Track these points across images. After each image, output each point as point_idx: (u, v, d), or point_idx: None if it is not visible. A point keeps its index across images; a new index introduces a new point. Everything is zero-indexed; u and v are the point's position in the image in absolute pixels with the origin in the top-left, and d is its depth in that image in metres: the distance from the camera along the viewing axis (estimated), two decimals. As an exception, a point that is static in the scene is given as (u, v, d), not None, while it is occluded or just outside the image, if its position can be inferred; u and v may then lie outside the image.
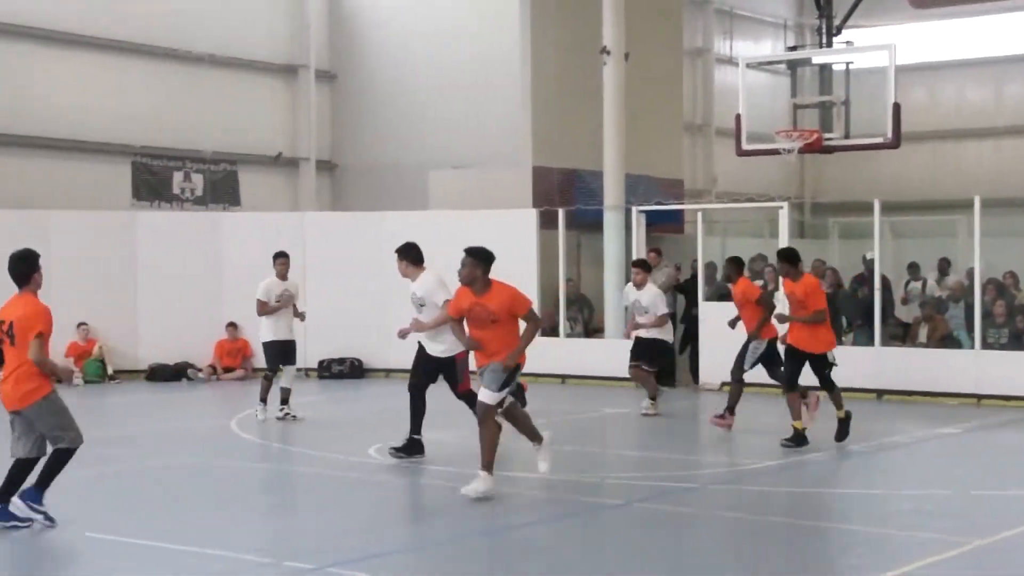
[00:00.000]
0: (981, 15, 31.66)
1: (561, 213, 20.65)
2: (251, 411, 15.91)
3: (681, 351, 20.44)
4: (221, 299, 21.33)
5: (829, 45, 25.14)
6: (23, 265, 9.56)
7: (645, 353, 16.11)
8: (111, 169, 24.03)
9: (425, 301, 12.24)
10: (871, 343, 18.43)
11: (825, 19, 25.65)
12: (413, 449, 12.48)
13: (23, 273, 9.56)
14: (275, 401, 15.73)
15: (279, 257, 15.85)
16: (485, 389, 10.51)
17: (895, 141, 18.39)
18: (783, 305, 14.48)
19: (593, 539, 9.40)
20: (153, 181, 24.58)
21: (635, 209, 20.18)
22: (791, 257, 13.56)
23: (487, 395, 10.51)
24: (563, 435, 14.81)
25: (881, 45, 19.94)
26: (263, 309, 15.67)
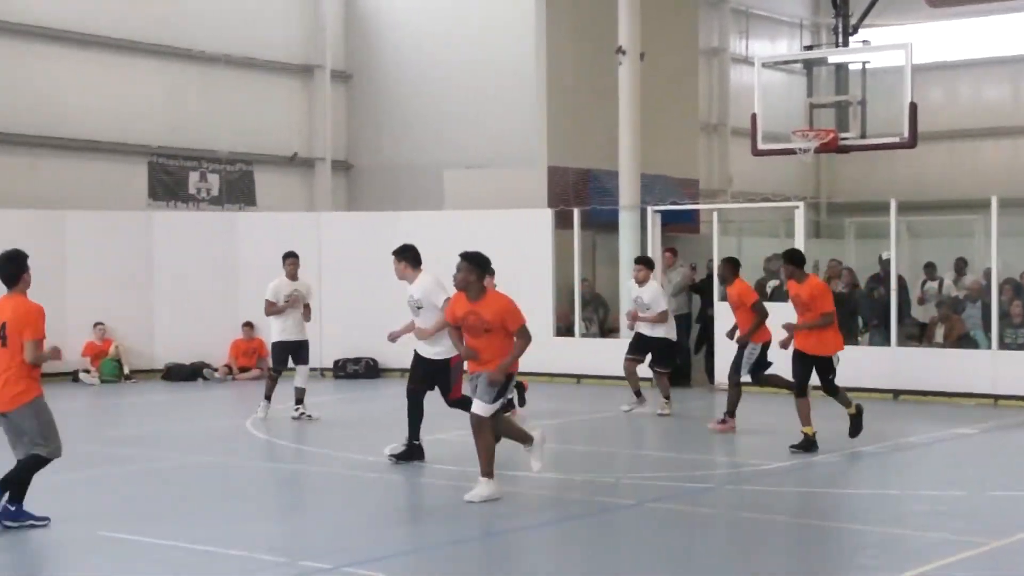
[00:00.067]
0: (998, 14, 31.54)
1: (576, 213, 20.64)
2: (268, 411, 15.94)
3: (696, 351, 20.43)
4: (237, 299, 21.36)
5: (845, 44, 25.07)
6: (12, 266, 9.55)
7: (653, 354, 16.03)
8: (127, 169, 24.10)
9: (423, 303, 12.14)
10: (887, 343, 18.37)
11: (841, 18, 25.57)
12: (413, 454, 12.37)
13: (12, 274, 9.54)
14: (289, 401, 15.77)
15: (288, 257, 15.89)
16: (479, 401, 10.39)
17: (912, 141, 18.31)
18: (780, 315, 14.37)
19: (606, 539, 9.39)
20: (169, 181, 24.64)
21: (650, 209, 20.16)
22: (796, 259, 13.38)
23: (481, 407, 10.39)
24: (577, 435, 14.83)
25: (898, 44, 19.84)
26: (270, 309, 15.73)
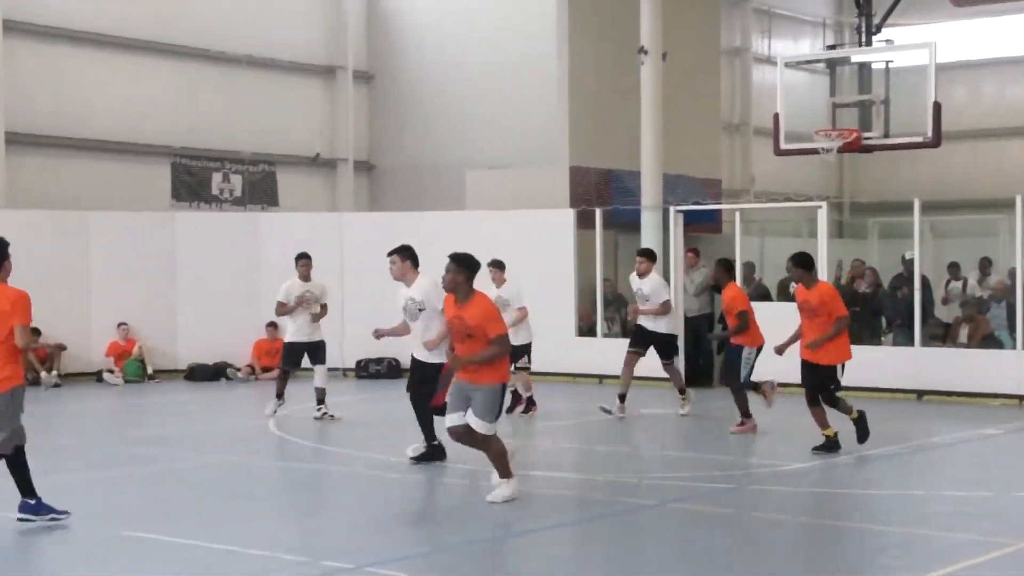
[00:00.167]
0: (1022, 13, 31.37)
1: (598, 213, 20.62)
2: (291, 411, 16.02)
3: (719, 351, 20.35)
4: (259, 299, 21.35)
5: (868, 44, 25.03)
6: None
7: (656, 348, 15.98)
8: (150, 170, 24.20)
9: (424, 305, 12.08)
10: (911, 343, 18.29)
11: (864, 18, 25.54)
12: (434, 455, 12.35)
13: None
14: (310, 401, 15.81)
15: (301, 259, 15.96)
16: (480, 420, 10.21)
17: (935, 140, 18.23)
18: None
19: (628, 539, 9.37)
20: (192, 182, 24.73)
21: (673, 209, 20.11)
22: (805, 262, 12.97)
23: (483, 426, 10.23)
24: (599, 435, 14.80)
25: (921, 43, 19.79)
26: (281, 310, 15.86)
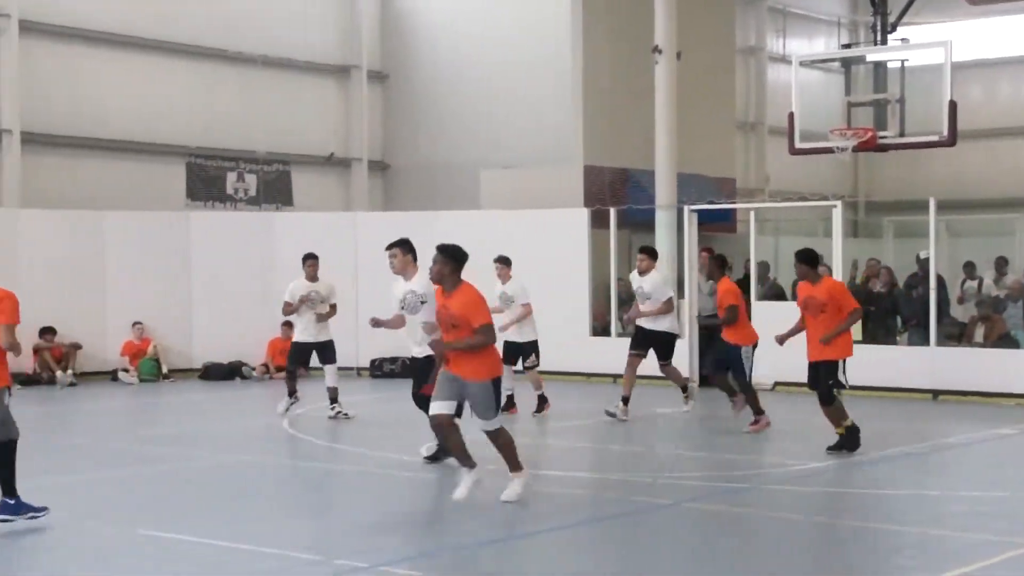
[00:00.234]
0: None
1: (613, 212, 20.59)
2: (305, 410, 16.08)
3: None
4: (274, 299, 21.10)
5: (884, 42, 24.97)
6: None
7: (655, 348, 15.86)
8: (165, 170, 24.26)
9: (427, 298, 12.12)
10: (926, 343, 18.23)
11: (880, 16, 25.47)
12: (447, 454, 12.38)
13: None
14: (323, 401, 15.84)
15: (308, 259, 16.01)
16: (483, 421, 10.21)
17: (951, 139, 18.16)
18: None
19: (643, 539, 9.35)
20: (207, 181, 24.78)
21: (687, 208, 20.07)
22: (810, 259, 12.74)
23: (488, 425, 10.22)
24: (613, 435, 14.79)
25: (937, 42, 19.68)
26: (286, 309, 15.92)
